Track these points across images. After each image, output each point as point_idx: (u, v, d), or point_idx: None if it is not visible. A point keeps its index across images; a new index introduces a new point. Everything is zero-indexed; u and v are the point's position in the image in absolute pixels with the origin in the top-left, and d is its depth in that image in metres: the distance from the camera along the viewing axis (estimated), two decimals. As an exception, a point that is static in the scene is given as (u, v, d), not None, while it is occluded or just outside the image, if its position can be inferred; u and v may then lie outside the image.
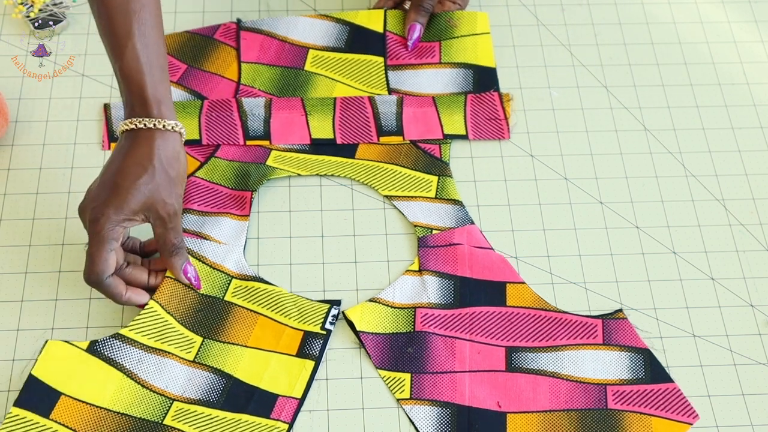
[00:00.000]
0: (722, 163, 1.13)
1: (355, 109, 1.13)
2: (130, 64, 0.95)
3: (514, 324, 1.00)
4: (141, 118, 0.95)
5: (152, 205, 0.95)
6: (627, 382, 0.97)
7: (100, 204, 0.94)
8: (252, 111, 1.12)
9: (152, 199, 0.94)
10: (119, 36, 0.95)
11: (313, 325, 0.98)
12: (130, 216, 0.94)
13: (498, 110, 1.15)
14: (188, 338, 0.97)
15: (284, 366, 0.96)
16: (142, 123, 0.95)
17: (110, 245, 0.94)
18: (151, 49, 0.96)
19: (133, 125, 0.95)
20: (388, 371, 0.97)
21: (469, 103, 1.15)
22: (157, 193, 0.94)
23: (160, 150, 0.95)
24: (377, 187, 1.08)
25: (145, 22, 0.95)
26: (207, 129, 1.11)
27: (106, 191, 0.94)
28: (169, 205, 0.95)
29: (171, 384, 0.94)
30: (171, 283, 0.99)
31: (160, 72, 0.96)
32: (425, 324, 0.99)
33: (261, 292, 1.00)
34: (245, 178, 1.07)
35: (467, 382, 0.96)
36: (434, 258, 1.03)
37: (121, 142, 0.96)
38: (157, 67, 0.96)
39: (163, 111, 0.95)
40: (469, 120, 1.14)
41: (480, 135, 1.13)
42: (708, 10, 1.27)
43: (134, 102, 0.96)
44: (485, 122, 1.14)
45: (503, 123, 1.14)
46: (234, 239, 1.03)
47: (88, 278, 0.95)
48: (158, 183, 0.94)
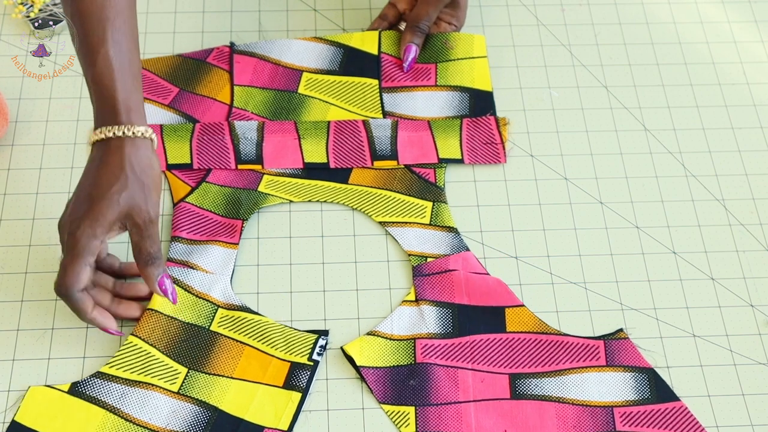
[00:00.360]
0: (722, 163, 1.13)
1: (349, 133, 1.11)
2: (101, 70, 0.93)
3: (515, 350, 0.99)
4: (110, 126, 0.94)
5: (128, 213, 0.93)
6: (633, 402, 0.96)
7: (77, 218, 0.93)
8: (244, 134, 1.10)
9: (128, 207, 0.93)
10: (92, 43, 0.94)
11: (300, 356, 0.97)
12: (106, 227, 0.93)
13: (494, 134, 1.13)
14: (173, 368, 0.96)
15: (271, 398, 0.95)
16: (111, 132, 0.93)
17: (86, 259, 0.93)
18: (124, 56, 0.94)
19: (103, 135, 0.94)
20: (391, 405, 0.96)
21: (465, 128, 1.13)
22: (133, 201, 0.93)
23: (132, 158, 0.93)
24: (371, 213, 1.07)
25: (119, 29, 0.94)
26: (198, 153, 1.09)
27: (82, 205, 0.93)
28: (145, 212, 0.94)
29: (155, 417, 0.93)
30: (151, 315, 0.98)
31: (132, 80, 0.95)
32: (426, 355, 0.98)
33: (247, 322, 0.99)
34: (236, 207, 1.06)
35: (472, 412, 0.95)
36: (430, 287, 1.02)
37: (93, 154, 0.95)
38: (129, 75, 0.94)
39: (132, 118, 0.94)
40: (464, 144, 1.12)
41: (476, 159, 1.11)
42: (708, 10, 1.27)
43: (103, 110, 0.94)
44: (481, 146, 1.12)
45: (499, 147, 1.12)
46: (221, 268, 1.02)
47: (58, 289, 0.94)
48: (133, 191, 0.93)
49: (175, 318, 0.98)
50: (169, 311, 0.99)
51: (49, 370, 0.97)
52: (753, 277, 1.05)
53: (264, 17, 1.23)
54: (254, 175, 1.09)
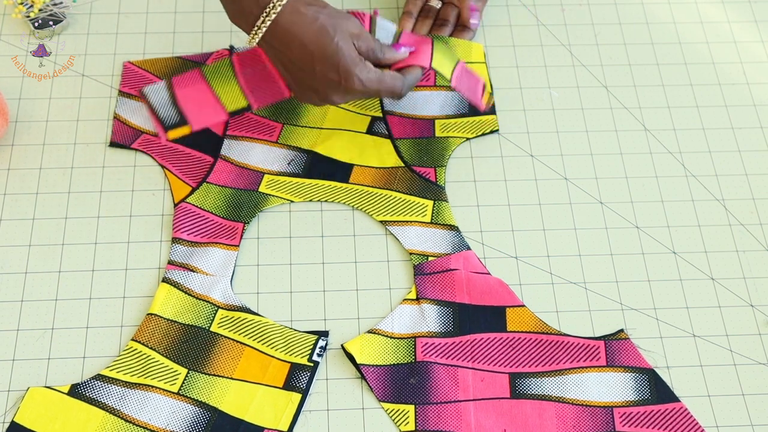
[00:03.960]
0: (722, 163, 1.13)
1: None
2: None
3: (516, 349, 0.99)
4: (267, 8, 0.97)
5: (353, 37, 0.99)
6: (633, 403, 0.96)
7: (326, 86, 1.00)
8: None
9: (347, 38, 0.99)
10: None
11: (301, 356, 0.97)
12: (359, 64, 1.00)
13: (478, 90, 1.12)
14: (173, 370, 0.96)
15: (270, 398, 0.95)
16: (273, 11, 0.97)
17: (358, 63, 0.99)
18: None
19: (269, 19, 0.98)
20: (391, 403, 0.96)
21: (459, 65, 1.11)
22: (342, 30, 0.99)
23: (305, 12, 0.98)
24: (372, 212, 1.07)
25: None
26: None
27: (313, 75, 0.99)
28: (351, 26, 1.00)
29: (155, 418, 0.93)
30: (151, 320, 0.98)
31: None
32: (426, 353, 0.98)
33: (247, 322, 0.99)
34: (238, 210, 1.06)
35: (472, 411, 0.95)
36: (431, 286, 1.02)
37: (268, 44, 0.99)
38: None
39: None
40: (455, 71, 1.10)
41: (460, 88, 1.10)
42: (708, 10, 1.27)
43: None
44: (466, 87, 1.11)
45: (480, 99, 1.12)
46: (222, 270, 1.02)
47: (402, 92, 1.03)
48: (334, 25, 0.98)
49: (175, 321, 0.98)
50: (169, 315, 0.99)
51: (49, 370, 0.97)
52: (753, 277, 1.05)
53: (264, 17, 1.23)
54: (255, 175, 1.09)
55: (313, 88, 1.01)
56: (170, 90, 1.07)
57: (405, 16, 1.20)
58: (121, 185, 1.09)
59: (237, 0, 0.98)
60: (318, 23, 0.98)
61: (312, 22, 0.98)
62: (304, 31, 0.98)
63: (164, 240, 1.05)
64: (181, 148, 1.11)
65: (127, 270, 1.03)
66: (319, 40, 0.98)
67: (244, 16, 0.99)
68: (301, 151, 1.12)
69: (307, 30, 0.98)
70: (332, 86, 1.00)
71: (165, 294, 1.00)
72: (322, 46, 0.98)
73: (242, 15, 0.99)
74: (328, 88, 1.00)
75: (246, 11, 0.98)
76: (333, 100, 1.02)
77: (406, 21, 1.20)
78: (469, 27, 1.20)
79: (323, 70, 0.99)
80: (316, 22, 0.98)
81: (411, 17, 1.20)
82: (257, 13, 0.98)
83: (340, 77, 0.99)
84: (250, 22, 0.99)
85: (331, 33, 0.98)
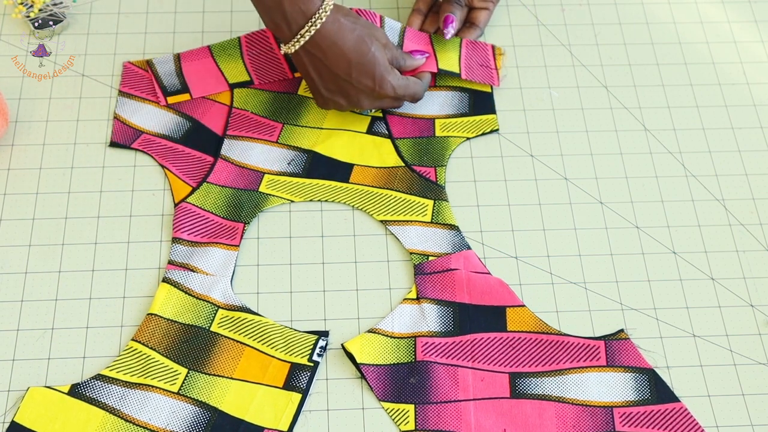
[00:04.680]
0: (722, 163, 1.13)
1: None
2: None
3: (516, 349, 0.99)
4: (314, 16, 1.02)
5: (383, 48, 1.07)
6: (633, 403, 0.96)
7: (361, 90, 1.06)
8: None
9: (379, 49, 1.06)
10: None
11: (301, 356, 0.97)
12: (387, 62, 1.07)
13: (490, 59, 1.18)
14: (173, 370, 0.96)
15: (271, 398, 0.95)
16: (319, 18, 1.02)
17: (390, 71, 1.06)
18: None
19: (314, 26, 1.02)
20: (391, 403, 0.96)
21: (464, 47, 1.17)
22: (376, 42, 1.06)
23: (344, 23, 1.03)
24: (372, 212, 1.07)
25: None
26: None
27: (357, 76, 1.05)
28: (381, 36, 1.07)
29: (155, 418, 0.93)
30: (151, 320, 0.98)
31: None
32: (426, 353, 0.98)
33: (248, 322, 0.99)
34: (238, 210, 1.06)
35: (472, 411, 0.95)
36: (431, 285, 1.02)
37: (306, 53, 1.04)
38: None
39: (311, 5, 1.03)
40: (463, 61, 1.16)
41: (472, 76, 1.15)
42: (708, 10, 1.27)
43: (295, 9, 1.02)
44: (478, 67, 1.16)
45: (494, 72, 1.17)
46: (222, 270, 1.02)
47: (421, 96, 1.11)
48: (370, 37, 1.05)
49: (175, 321, 0.98)
50: (169, 315, 0.99)
51: (49, 370, 0.97)
52: (753, 277, 1.05)
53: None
54: (255, 175, 1.09)
55: (344, 93, 1.07)
56: (177, 62, 1.15)
57: (414, 14, 1.20)
58: (121, 185, 1.09)
59: (279, 9, 1.01)
60: (356, 33, 1.04)
61: (351, 31, 1.04)
62: (344, 40, 1.03)
63: (164, 240, 1.05)
64: (181, 148, 1.11)
65: (127, 270, 1.03)
66: (359, 49, 1.04)
67: (286, 24, 1.03)
68: (301, 151, 1.12)
69: (348, 39, 1.03)
70: (366, 92, 1.07)
71: (165, 294, 1.00)
72: (360, 54, 1.04)
73: (284, 23, 1.02)
74: (361, 94, 1.07)
75: (289, 19, 1.02)
76: (362, 105, 1.09)
77: (415, 18, 1.20)
78: (477, 25, 1.20)
79: (359, 76, 1.05)
80: (354, 32, 1.04)
81: (420, 14, 1.20)
82: (302, 22, 1.02)
83: (374, 83, 1.06)
84: (294, 30, 1.03)
85: (368, 43, 1.04)
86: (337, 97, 1.08)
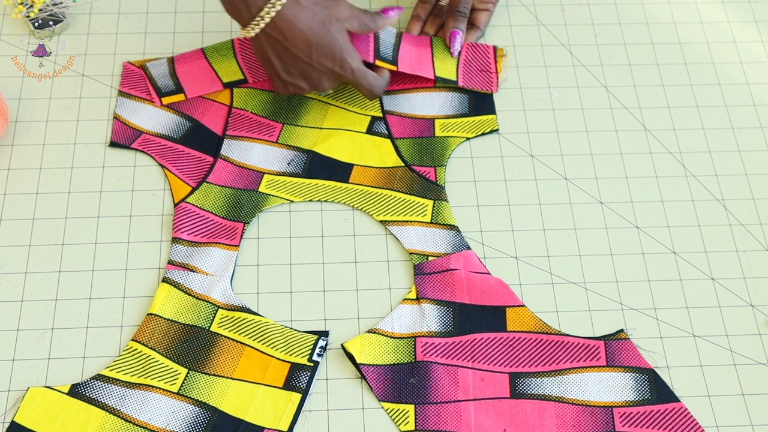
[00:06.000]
0: (722, 163, 1.13)
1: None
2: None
3: (516, 349, 0.99)
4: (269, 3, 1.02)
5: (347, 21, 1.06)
6: (633, 403, 0.96)
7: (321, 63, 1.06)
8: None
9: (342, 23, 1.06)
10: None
11: (301, 356, 0.97)
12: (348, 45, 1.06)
13: (490, 63, 1.18)
14: (173, 370, 0.96)
15: (270, 398, 0.95)
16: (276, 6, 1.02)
17: (351, 53, 1.06)
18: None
19: (273, 12, 1.02)
20: (391, 403, 0.96)
21: (463, 51, 1.17)
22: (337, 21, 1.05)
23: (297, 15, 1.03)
24: (372, 212, 1.07)
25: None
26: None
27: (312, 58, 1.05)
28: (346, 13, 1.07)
29: (155, 418, 0.93)
30: (151, 320, 0.98)
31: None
32: (426, 353, 0.98)
33: (247, 322, 0.99)
34: (238, 210, 1.06)
35: (472, 411, 0.95)
36: (431, 285, 1.02)
37: (265, 36, 1.04)
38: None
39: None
40: (461, 67, 1.16)
41: (470, 83, 1.16)
42: (708, 10, 1.27)
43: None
44: (477, 73, 1.17)
45: (493, 76, 1.17)
46: (222, 270, 1.02)
47: (379, 93, 1.10)
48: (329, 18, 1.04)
49: (175, 321, 0.98)
50: (169, 315, 0.99)
51: (49, 370, 0.97)
52: (753, 277, 1.05)
53: (264, 17, 1.23)
54: (255, 175, 1.10)
55: (306, 75, 1.07)
56: (171, 65, 1.16)
57: (414, 20, 1.20)
58: (121, 185, 1.09)
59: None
60: (316, 14, 1.04)
61: (311, 13, 1.04)
62: (304, 22, 1.03)
63: (164, 240, 1.05)
64: (181, 148, 1.11)
65: (127, 270, 1.03)
66: (319, 30, 1.04)
67: (245, 6, 1.03)
68: (301, 151, 1.12)
69: (308, 20, 1.03)
70: (327, 73, 1.07)
71: (165, 294, 1.00)
72: (320, 35, 1.04)
73: (244, 5, 1.03)
74: (322, 75, 1.07)
75: (249, 1, 1.02)
76: (323, 86, 1.08)
77: (414, 25, 1.20)
78: (477, 26, 1.20)
79: (319, 58, 1.05)
80: (314, 14, 1.04)
81: (419, 21, 1.21)
82: (261, 4, 1.02)
83: (335, 64, 1.06)
84: (253, 12, 1.03)
85: (328, 24, 1.04)
86: (298, 80, 1.08)
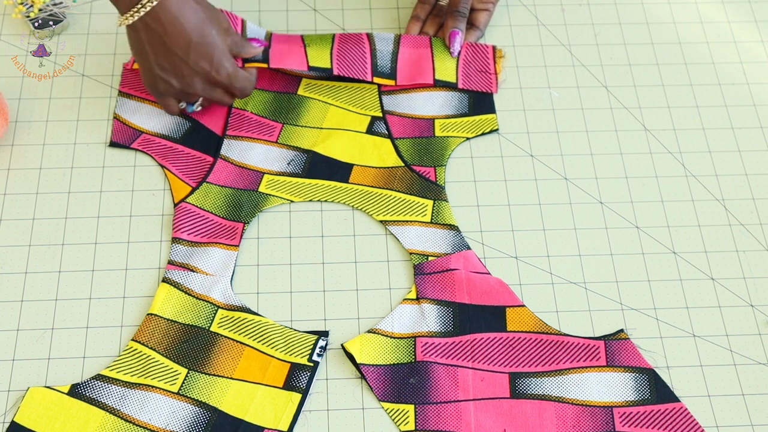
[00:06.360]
0: (722, 163, 1.13)
1: (354, 44, 1.16)
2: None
3: (516, 349, 0.99)
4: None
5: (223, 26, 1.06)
6: (633, 403, 0.96)
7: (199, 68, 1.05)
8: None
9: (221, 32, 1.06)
10: None
11: (301, 356, 0.97)
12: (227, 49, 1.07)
13: (489, 64, 1.18)
14: (173, 370, 0.96)
15: (270, 398, 0.95)
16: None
17: (228, 58, 1.06)
18: None
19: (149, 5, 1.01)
20: (391, 403, 0.96)
21: (463, 51, 1.18)
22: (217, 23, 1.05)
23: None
24: (372, 212, 1.07)
25: None
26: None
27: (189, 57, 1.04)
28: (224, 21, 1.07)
29: (155, 418, 0.93)
30: (151, 320, 0.98)
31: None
32: (426, 353, 0.98)
33: (247, 322, 0.99)
34: (238, 210, 1.06)
35: (472, 411, 0.95)
36: (431, 285, 1.02)
37: (144, 27, 1.02)
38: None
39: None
40: (461, 69, 1.17)
41: (469, 85, 1.16)
42: (708, 10, 1.27)
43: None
44: (476, 74, 1.17)
45: (493, 77, 1.17)
46: (222, 270, 1.02)
47: (249, 93, 1.10)
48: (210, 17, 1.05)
49: (175, 321, 0.98)
50: (169, 315, 0.99)
51: (49, 370, 0.97)
52: (753, 277, 1.05)
53: (264, 17, 1.23)
54: (255, 175, 1.10)
55: (179, 73, 1.06)
56: (268, 38, 1.16)
57: (413, 20, 1.21)
58: (121, 185, 1.09)
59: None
60: (199, 14, 1.03)
61: (194, 11, 1.03)
62: (187, 19, 1.02)
63: (164, 240, 1.05)
64: (180, 148, 1.11)
65: (127, 270, 1.03)
66: (200, 29, 1.03)
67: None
68: (301, 151, 1.12)
69: (191, 17, 1.03)
70: (201, 75, 1.06)
71: (165, 294, 1.00)
72: (201, 35, 1.03)
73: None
74: (196, 76, 1.06)
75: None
76: (195, 88, 1.07)
77: (414, 25, 1.20)
78: (477, 26, 1.20)
79: (197, 58, 1.05)
80: (197, 12, 1.03)
81: (419, 21, 1.21)
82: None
83: (211, 67, 1.05)
84: (134, 0, 1.02)
85: (210, 25, 1.04)
86: (170, 76, 1.06)
